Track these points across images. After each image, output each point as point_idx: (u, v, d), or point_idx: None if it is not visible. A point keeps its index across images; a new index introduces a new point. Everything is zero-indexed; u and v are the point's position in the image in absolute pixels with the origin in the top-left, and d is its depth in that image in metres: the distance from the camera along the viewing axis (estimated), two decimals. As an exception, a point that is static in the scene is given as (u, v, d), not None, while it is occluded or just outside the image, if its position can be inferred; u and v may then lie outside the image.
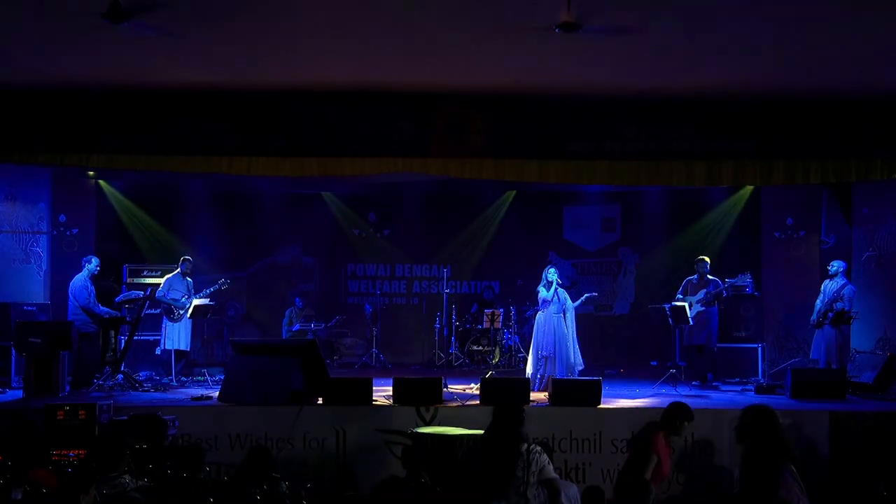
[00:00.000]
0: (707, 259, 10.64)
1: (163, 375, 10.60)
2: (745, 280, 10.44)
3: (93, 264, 9.96)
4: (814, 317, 10.05)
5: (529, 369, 9.87)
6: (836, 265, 10.08)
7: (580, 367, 9.78)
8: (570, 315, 9.86)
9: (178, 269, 10.78)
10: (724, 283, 10.38)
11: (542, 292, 9.86)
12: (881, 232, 10.90)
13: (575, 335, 9.84)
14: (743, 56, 7.68)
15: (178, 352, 10.51)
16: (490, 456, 5.14)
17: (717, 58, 7.76)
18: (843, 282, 9.99)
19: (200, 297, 10.68)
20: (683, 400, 8.99)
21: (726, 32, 7.09)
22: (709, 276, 10.51)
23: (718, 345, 10.71)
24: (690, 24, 6.91)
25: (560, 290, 9.79)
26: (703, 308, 10.41)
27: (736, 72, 8.14)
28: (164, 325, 10.58)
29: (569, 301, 9.83)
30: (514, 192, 13.59)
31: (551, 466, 5.57)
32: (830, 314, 9.82)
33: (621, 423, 8.07)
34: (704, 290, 10.42)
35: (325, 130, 9.10)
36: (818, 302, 10.15)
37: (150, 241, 12.84)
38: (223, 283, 10.80)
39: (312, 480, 6.19)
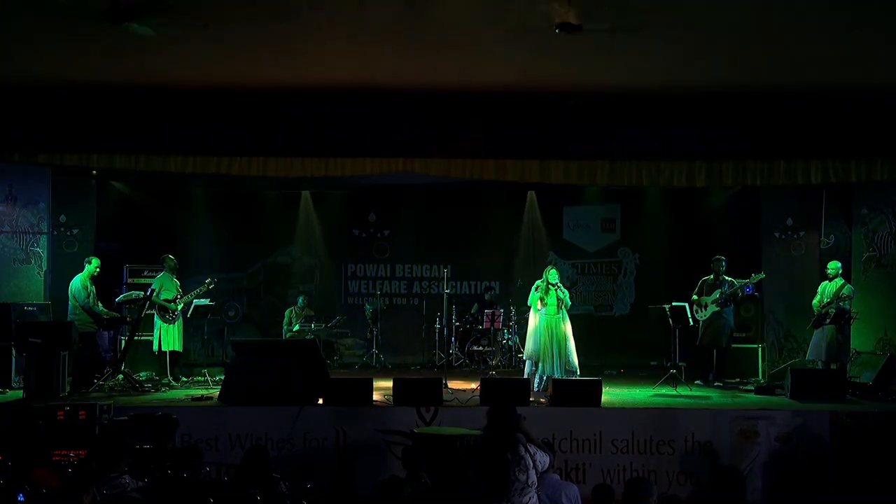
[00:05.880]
0: (724, 259, 10.62)
1: (163, 376, 10.58)
2: (759, 277, 10.42)
3: (92, 265, 9.95)
4: (813, 317, 10.09)
5: (527, 369, 9.86)
6: (835, 266, 10.12)
7: (576, 372, 9.72)
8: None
9: (165, 269, 10.70)
10: (737, 283, 10.37)
11: (531, 296, 9.81)
12: (881, 232, 10.91)
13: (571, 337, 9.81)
14: (743, 56, 7.68)
15: (172, 353, 10.47)
16: (487, 458, 5.13)
17: (718, 58, 7.75)
18: (843, 282, 10.05)
19: (192, 298, 10.63)
20: (684, 400, 9.06)
21: (727, 32, 7.09)
22: (724, 277, 10.49)
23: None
24: (691, 23, 6.91)
25: (561, 290, 9.75)
26: (718, 308, 10.40)
27: (736, 72, 8.13)
28: (157, 326, 10.54)
29: (567, 301, 9.79)
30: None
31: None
32: (833, 312, 9.83)
33: (621, 423, 8.08)
34: (719, 291, 10.41)
35: (325, 130, 9.09)
36: (815, 302, 10.16)
37: (151, 241, 12.81)
38: (210, 283, 10.73)
39: (312, 480, 6.19)
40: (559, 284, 9.76)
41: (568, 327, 9.72)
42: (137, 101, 8.92)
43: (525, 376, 9.70)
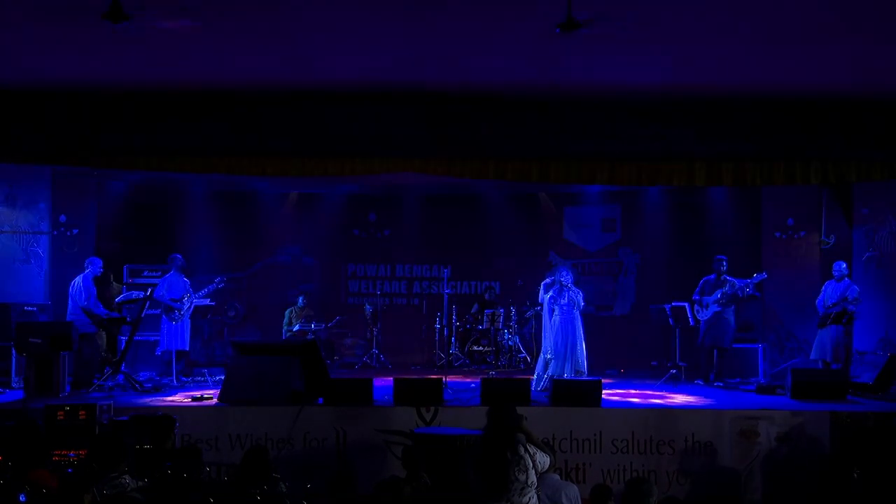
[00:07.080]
0: (725, 258, 10.59)
1: (163, 376, 10.60)
2: (761, 277, 10.41)
3: (95, 266, 9.99)
4: (819, 316, 10.09)
5: (539, 367, 9.85)
6: (842, 268, 10.12)
7: (584, 374, 9.70)
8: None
9: (173, 268, 10.74)
10: (739, 283, 10.36)
11: (542, 296, 9.82)
12: (881, 232, 10.91)
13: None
14: (743, 56, 7.67)
15: (178, 352, 10.50)
16: (487, 458, 5.13)
17: (718, 58, 7.74)
18: (848, 282, 10.06)
19: (199, 297, 10.67)
20: (684, 400, 9.06)
21: (726, 33, 7.09)
22: (726, 277, 10.48)
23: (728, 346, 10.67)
24: (691, 24, 6.90)
25: (572, 290, 9.73)
26: (720, 308, 10.38)
27: (736, 72, 8.13)
28: (163, 326, 10.56)
29: (581, 302, 9.78)
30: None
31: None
32: (833, 314, 9.83)
33: (621, 423, 8.08)
34: (720, 291, 10.40)
35: (325, 130, 9.08)
36: (819, 302, 10.16)
37: (151, 241, 12.82)
38: (220, 282, 10.78)
39: (312, 480, 6.18)
40: (572, 286, 9.76)
41: (580, 328, 9.72)
42: (137, 101, 8.91)
43: (535, 374, 9.70)
